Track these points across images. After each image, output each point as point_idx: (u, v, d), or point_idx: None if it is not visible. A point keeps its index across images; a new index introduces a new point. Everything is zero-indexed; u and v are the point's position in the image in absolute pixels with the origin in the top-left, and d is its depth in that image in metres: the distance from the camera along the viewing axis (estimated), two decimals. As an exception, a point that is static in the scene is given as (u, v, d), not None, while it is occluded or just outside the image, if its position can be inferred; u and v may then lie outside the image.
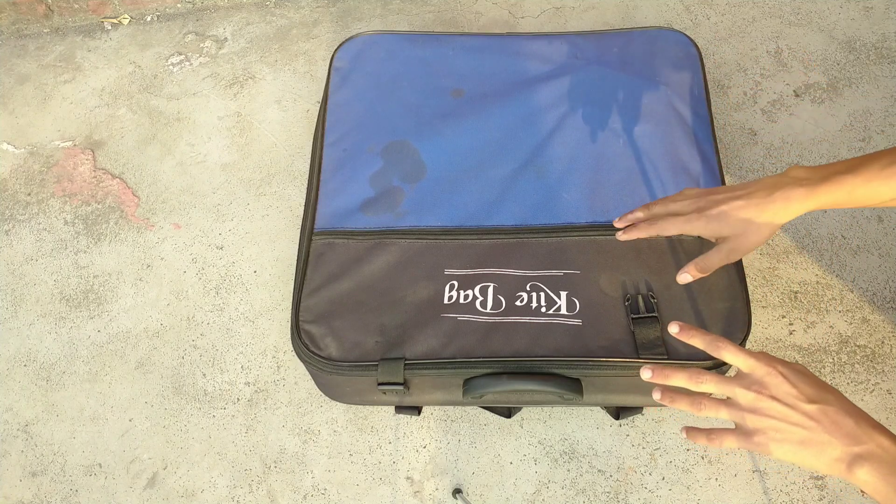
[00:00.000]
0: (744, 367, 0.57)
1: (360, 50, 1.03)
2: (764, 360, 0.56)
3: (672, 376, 0.58)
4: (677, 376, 0.58)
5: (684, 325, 0.61)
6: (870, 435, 0.52)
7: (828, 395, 0.55)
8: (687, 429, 0.59)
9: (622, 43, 1.02)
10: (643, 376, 0.60)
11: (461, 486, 0.88)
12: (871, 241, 1.02)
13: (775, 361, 0.57)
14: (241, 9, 1.37)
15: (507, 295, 0.81)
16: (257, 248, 1.08)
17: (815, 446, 0.53)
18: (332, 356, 0.79)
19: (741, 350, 0.58)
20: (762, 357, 0.57)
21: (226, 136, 1.20)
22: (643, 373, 0.60)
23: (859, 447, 0.52)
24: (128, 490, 0.91)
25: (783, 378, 0.55)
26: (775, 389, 0.55)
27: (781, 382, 0.55)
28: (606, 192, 0.88)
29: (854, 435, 0.52)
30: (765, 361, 0.56)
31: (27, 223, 1.13)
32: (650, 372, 0.59)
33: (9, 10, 1.34)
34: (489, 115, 0.95)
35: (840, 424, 0.53)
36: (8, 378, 1.00)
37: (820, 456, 0.53)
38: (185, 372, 0.98)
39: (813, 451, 0.53)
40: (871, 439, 0.52)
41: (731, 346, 0.58)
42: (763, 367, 0.56)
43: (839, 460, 0.52)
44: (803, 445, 0.53)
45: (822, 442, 0.53)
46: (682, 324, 0.61)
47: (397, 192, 0.89)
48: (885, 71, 1.18)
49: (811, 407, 0.54)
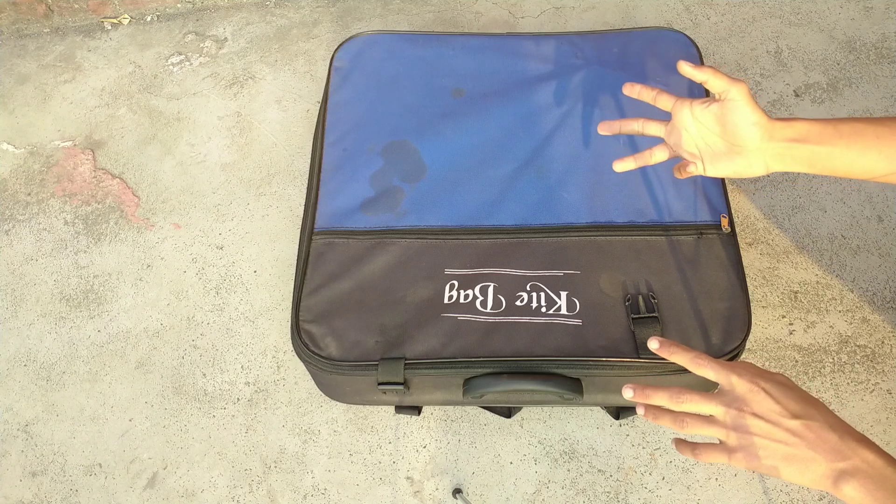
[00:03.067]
0: (725, 383, 0.56)
1: (360, 50, 1.03)
2: (746, 377, 0.56)
3: (653, 396, 0.58)
4: (658, 395, 0.58)
5: (664, 342, 0.60)
6: (854, 450, 0.52)
7: (811, 410, 0.54)
8: (675, 440, 0.59)
9: (622, 43, 1.02)
10: (625, 395, 0.59)
11: (461, 486, 0.88)
12: (871, 241, 1.02)
13: (757, 376, 0.56)
14: (241, 9, 1.37)
15: (507, 295, 0.81)
16: (257, 248, 1.08)
17: (799, 462, 0.53)
18: (332, 356, 0.79)
19: (723, 366, 0.57)
20: (744, 373, 0.56)
21: (226, 136, 1.20)
22: (625, 392, 0.59)
23: (844, 463, 0.51)
24: (128, 490, 0.91)
25: (766, 394, 0.54)
26: (757, 406, 0.54)
27: (764, 399, 0.54)
28: (606, 193, 0.88)
29: (839, 450, 0.52)
30: (747, 378, 0.56)
31: (27, 223, 1.13)
32: (632, 391, 0.59)
33: (9, 10, 1.34)
34: (489, 114, 0.95)
35: (824, 440, 0.52)
36: (8, 378, 1.00)
37: (805, 472, 0.52)
38: (185, 372, 0.98)
39: (797, 467, 0.53)
40: (856, 454, 0.52)
41: (713, 363, 0.57)
42: (745, 383, 0.55)
43: (824, 476, 0.52)
44: (787, 461, 0.53)
45: (806, 458, 0.52)
46: (661, 339, 0.60)
47: (397, 192, 0.89)
48: (885, 71, 1.18)
49: (794, 423, 0.53)
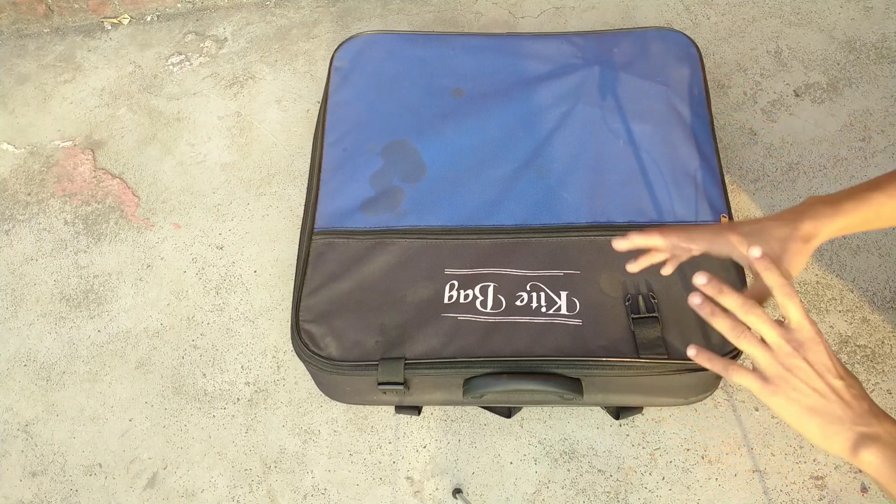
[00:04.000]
0: (795, 321, 0.56)
1: (360, 50, 1.03)
2: (815, 327, 0.56)
3: (726, 294, 0.56)
4: (731, 297, 0.56)
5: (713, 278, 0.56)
6: (880, 420, 0.53)
7: (854, 380, 0.55)
8: (698, 347, 0.57)
9: (622, 43, 1.02)
10: (696, 281, 0.56)
11: (461, 486, 0.88)
12: (871, 241, 1.02)
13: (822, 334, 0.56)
14: (241, 9, 1.37)
15: (507, 295, 0.81)
16: (257, 248, 1.08)
17: (824, 417, 0.53)
18: (332, 356, 0.79)
19: (802, 306, 0.57)
20: (814, 323, 0.56)
21: (226, 136, 1.20)
22: (697, 278, 0.56)
23: (868, 428, 0.52)
24: (128, 490, 0.91)
25: (825, 348, 0.55)
26: (813, 355, 0.55)
27: (822, 351, 0.55)
28: (606, 193, 0.88)
29: (865, 416, 0.53)
30: (815, 328, 0.56)
31: (27, 223, 1.13)
32: (705, 279, 0.56)
33: (9, 10, 1.34)
34: (489, 114, 0.95)
35: (857, 404, 0.53)
36: (8, 378, 1.00)
37: (826, 429, 0.53)
38: (185, 372, 0.98)
39: (821, 421, 0.53)
40: (881, 424, 0.53)
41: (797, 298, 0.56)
42: (811, 330, 0.55)
43: (845, 438, 0.52)
44: (814, 413, 0.53)
45: (833, 415, 0.53)
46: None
47: (397, 192, 0.89)
48: (885, 71, 1.18)
49: (837, 382, 0.54)
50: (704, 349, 0.58)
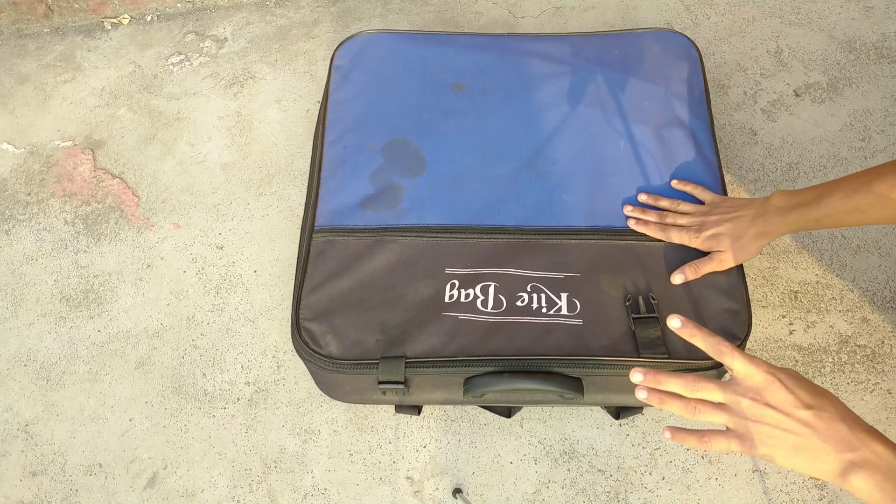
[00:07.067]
0: (743, 373, 0.56)
1: (360, 48, 1.03)
2: (763, 367, 0.56)
3: (666, 382, 0.57)
4: (672, 382, 0.57)
5: (686, 321, 0.59)
6: (864, 441, 0.52)
7: (823, 401, 0.54)
8: (672, 429, 0.57)
9: (622, 44, 1.02)
10: (633, 379, 0.58)
11: (461, 486, 0.88)
12: (871, 241, 1.02)
13: (773, 368, 0.56)
14: (241, 8, 1.37)
15: (507, 295, 0.81)
16: (257, 247, 1.08)
17: (808, 453, 0.53)
18: (332, 354, 0.79)
19: (743, 355, 0.57)
20: (761, 364, 0.56)
21: (226, 136, 1.20)
22: (633, 375, 0.57)
23: (853, 454, 0.52)
24: (128, 490, 0.91)
25: (780, 384, 0.55)
26: (771, 396, 0.54)
27: (779, 389, 0.54)
28: (606, 196, 0.88)
29: (848, 441, 0.52)
30: (764, 368, 0.56)
31: (27, 223, 1.13)
32: (641, 375, 0.57)
33: (9, 9, 1.34)
34: (490, 112, 0.95)
35: (835, 430, 0.52)
36: (8, 378, 1.00)
37: (813, 462, 0.53)
38: (185, 372, 0.98)
39: (806, 457, 0.53)
40: (866, 446, 0.52)
41: (735, 351, 0.57)
42: (762, 373, 0.55)
43: (834, 467, 0.52)
44: (797, 452, 0.53)
45: (815, 449, 0.52)
46: (684, 319, 0.59)
47: (398, 190, 0.89)
48: (885, 71, 1.18)
49: (806, 413, 0.53)
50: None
